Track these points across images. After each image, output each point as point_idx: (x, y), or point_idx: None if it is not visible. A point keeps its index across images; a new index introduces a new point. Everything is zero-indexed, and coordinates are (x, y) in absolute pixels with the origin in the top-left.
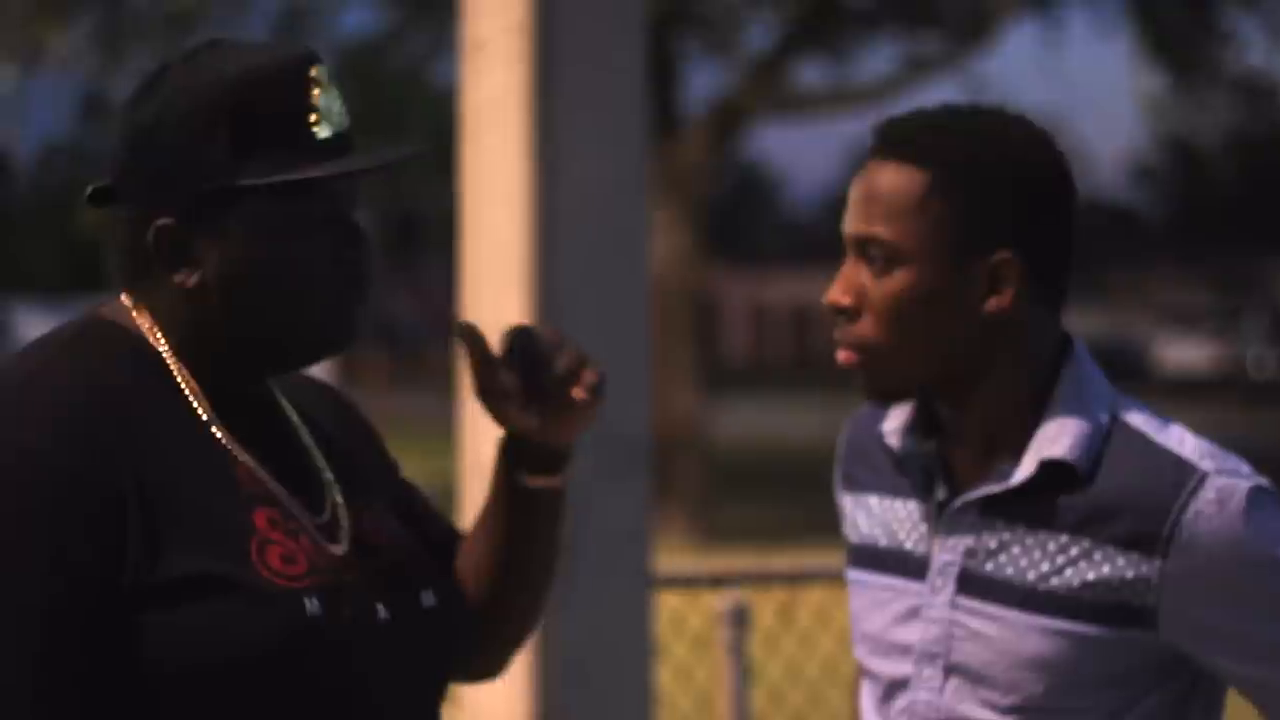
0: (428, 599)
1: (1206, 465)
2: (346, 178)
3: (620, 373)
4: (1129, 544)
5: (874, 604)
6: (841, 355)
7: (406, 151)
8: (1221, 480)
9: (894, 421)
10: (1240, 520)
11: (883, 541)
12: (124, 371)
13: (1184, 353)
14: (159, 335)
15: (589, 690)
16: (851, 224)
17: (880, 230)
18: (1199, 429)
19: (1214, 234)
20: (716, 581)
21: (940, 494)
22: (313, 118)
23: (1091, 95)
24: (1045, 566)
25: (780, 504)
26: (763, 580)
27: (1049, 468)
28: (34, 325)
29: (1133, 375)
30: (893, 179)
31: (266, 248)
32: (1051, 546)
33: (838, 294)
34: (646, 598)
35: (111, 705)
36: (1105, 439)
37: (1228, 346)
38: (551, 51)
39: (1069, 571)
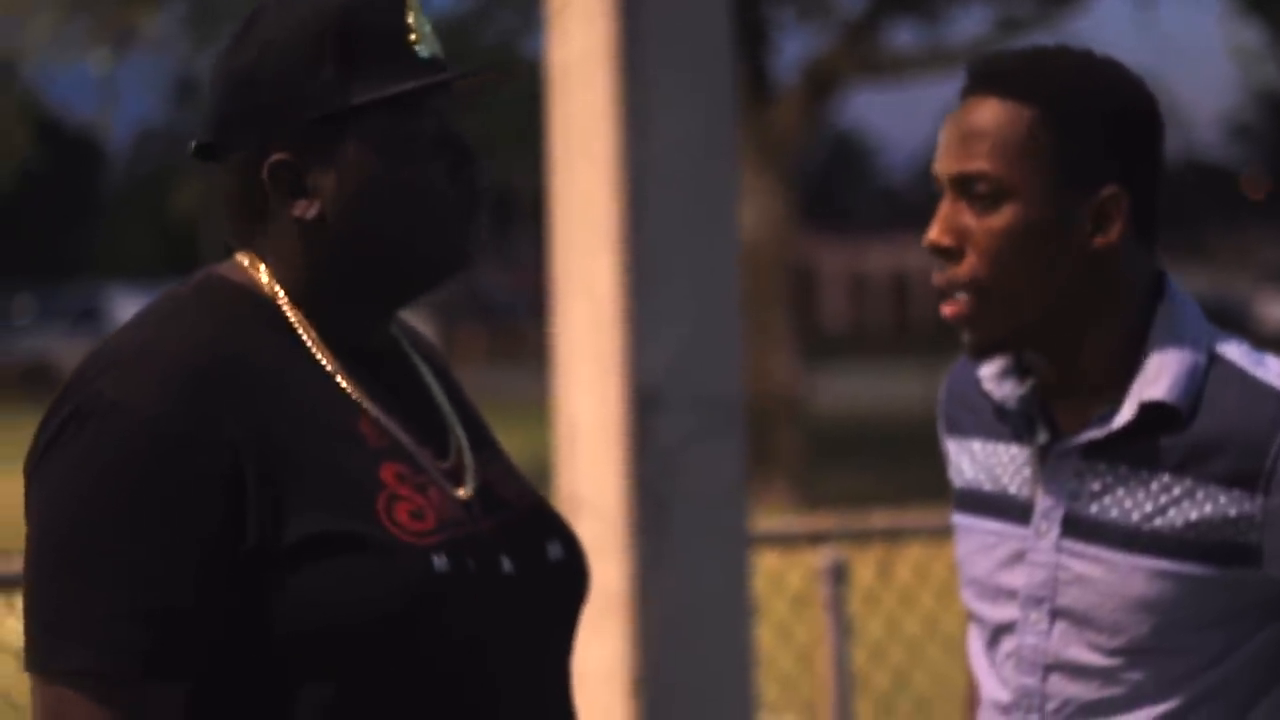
0: (555, 552)
1: None
2: (459, 82)
3: (712, 332)
4: (1231, 481)
5: (980, 548)
6: (946, 307)
7: (508, 65)
8: None
9: (991, 367)
10: None
11: (987, 486)
12: (242, 329)
13: None
14: (277, 287)
15: (688, 650)
16: (952, 162)
17: (987, 166)
18: None
19: None
20: (815, 539)
21: (1042, 438)
22: (413, 37)
23: (1185, 53)
24: (1149, 507)
25: (880, 471)
26: (861, 537)
27: (1149, 409)
28: (129, 310)
29: (1235, 333)
30: (998, 114)
31: (383, 167)
32: (1154, 487)
33: (939, 234)
34: (745, 556)
35: (238, 665)
36: (1204, 376)
37: None
38: (635, 8)
39: (1172, 511)
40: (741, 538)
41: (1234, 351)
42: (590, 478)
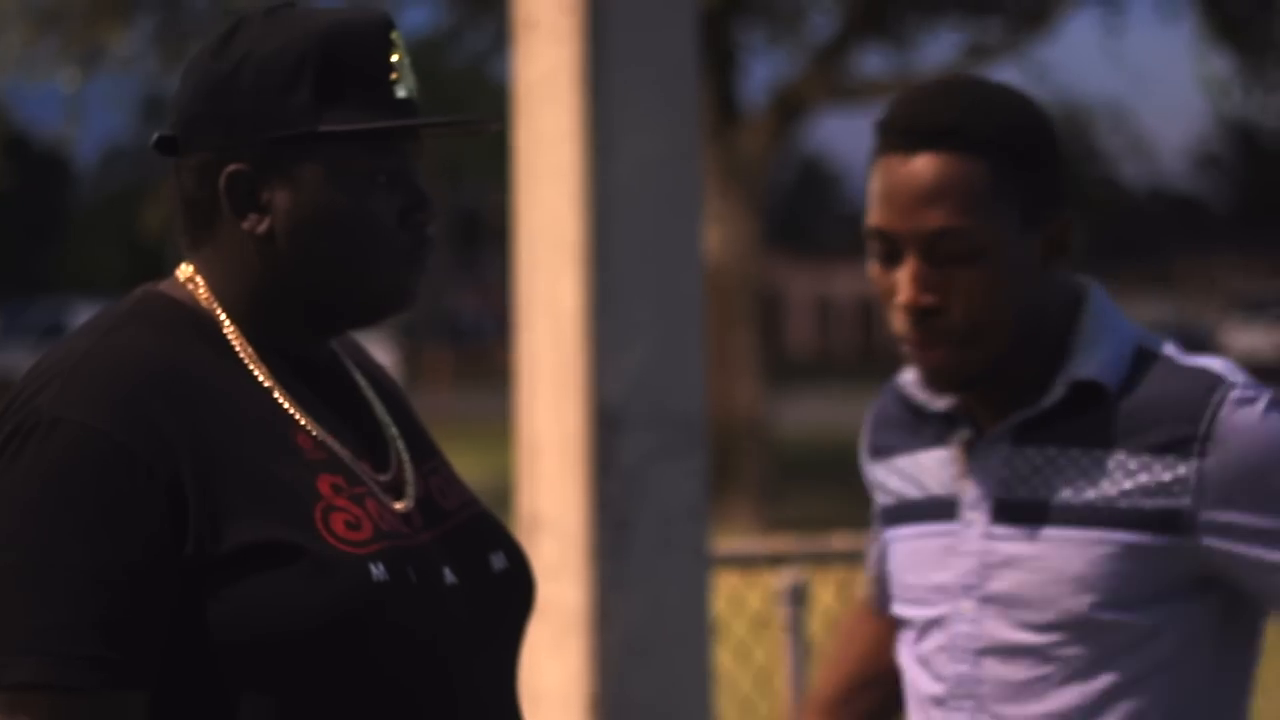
0: (498, 562)
1: (1234, 377)
2: (428, 129)
3: (675, 352)
4: (1164, 448)
5: (908, 554)
6: (928, 357)
7: (481, 117)
8: (1249, 389)
9: (906, 376)
10: (1266, 423)
11: (911, 494)
12: (181, 344)
13: (1251, 339)
14: (216, 303)
15: (648, 669)
16: (913, 221)
17: (957, 223)
18: None
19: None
20: (775, 560)
21: (965, 435)
22: (393, 76)
23: (1154, 82)
24: (1081, 482)
25: (842, 494)
26: (822, 559)
27: (1079, 389)
28: None
29: None
30: (954, 169)
31: (338, 197)
32: (1085, 462)
33: (918, 295)
34: (706, 577)
35: (181, 674)
36: (1131, 362)
37: None
38: (603, 29)
39: (1105, 483)
40: (702, 558)
41: (1160, 344)
42: (551, 497)
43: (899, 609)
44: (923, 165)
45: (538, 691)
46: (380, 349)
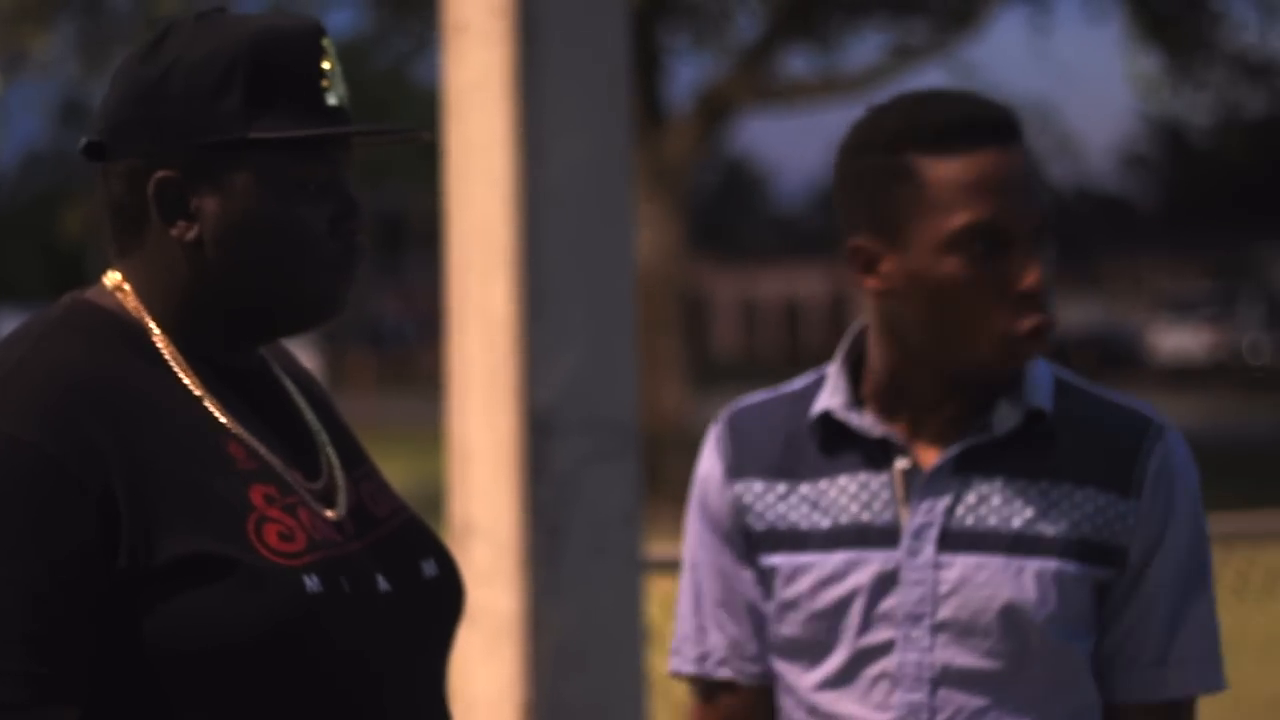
0: (429, 569)
1: (1159, 418)
2: (360, 138)
3: (607, 356)
4: (1108, 485)
5: (822, 581)
6: (1041, 342)
7: (412, 126)
8: (1168, 430)
9: (836, 398)
10: (1183, 461)
11: (824, 523)
12: (110, 353)
13: (1179, 340)
14: (144, 312)
15: (582, 675)
16: (1030, 208)
17: (1044, 212)
18: (1196, 416)
19: (1207, 219)
20: None
21: (903, 463)
22: (324, 83)
23: (1081, 82)
24: (1030, 512)
25: None
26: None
27: (1033, 417)
28: None
29: (1128, 363)
30: (1028, 163)
31: (269, 204)
32: (1033, 493)
33: (1045, 281)
34: (639, 582)
35: (116, 688)
36: (1055, 391)
37: (1223, 333)
38: (534, 32)
39: (1054, 514)
40: (635, 562)
41: (1064, 371)
42: (483, 502)
43: (804, 635)
44: (1019, 157)
45: (471, 698)
46: (303, 354)
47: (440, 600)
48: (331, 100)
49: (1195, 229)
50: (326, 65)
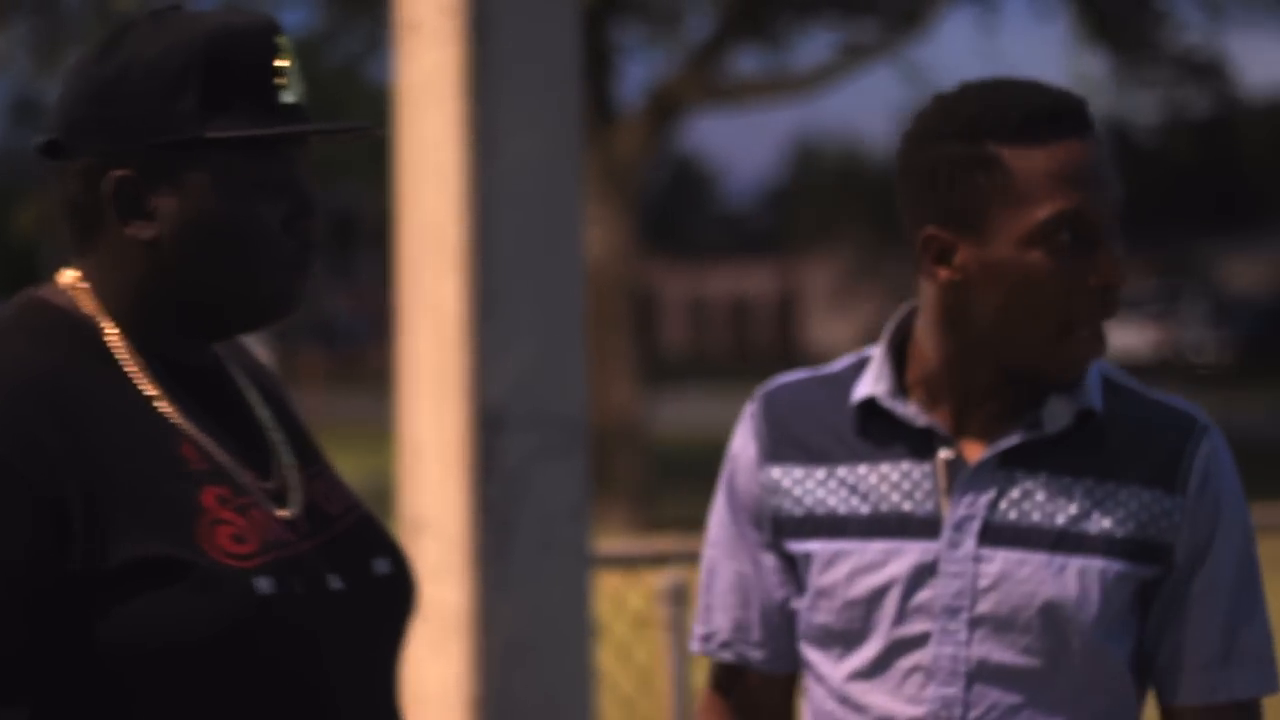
0: (381, 567)
1: (1205, 418)
2: (318, 135)
3: (557, 352)
4: (1153, 483)
5: (860, 570)
6: (1105, 340)
7: (365, 123)
8: (1213, 429)
9: (879, 387)
10: (1228, 461)
11: (865, 510)
12: (63, 354)
13: (1124, 337)
14: (99, 309)
15: (529, 670)
16: (1111, 200)
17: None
18: None
19: (1152, 218)
20: (656, 560)
21: (945, 453)
22: (280, 81)
23: None
24: (1074, 510)
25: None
26: (701, 559)
27: (1083, 416)
28: None
29: None
30: (1106, 156)
31: (225, 204)
32: (1078, 491)
33: (1122, 274)
34: (587, 577)
35: (69, 690)
36: (1104, 390)
37: (1167, 331)
38: (485, 30)
39: (1097, 513)
40: (584, 558)
41: (1115, 371)
42: (433, 498)
43: (838, 625)
44: (1098, 147)
45: (420, 693)
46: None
47: (393, 598)
48: (288, 98)
49: (1140, 228)
50: (282, 63)
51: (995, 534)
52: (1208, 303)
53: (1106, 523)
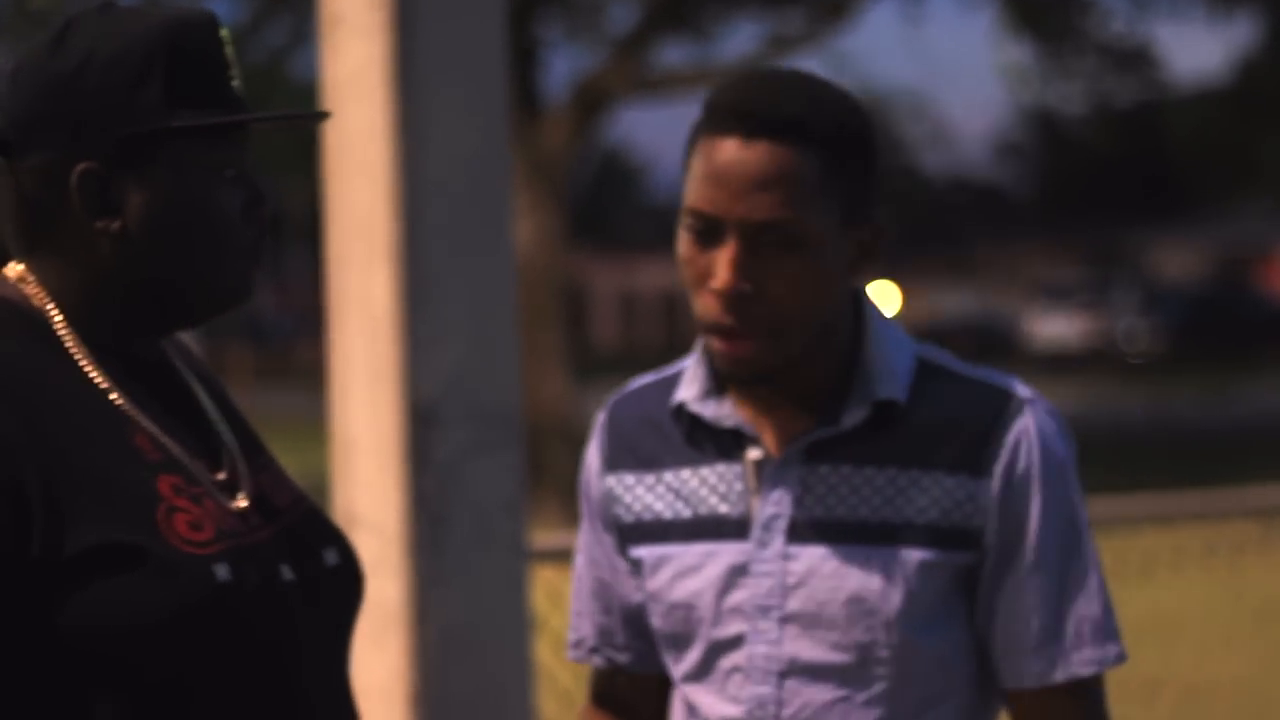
0: (330, 558)
1: (1022, 392)
2: (282, 122)
3: (489, 346)
4: (957, 467)
5: (681, 573)
6: (735, 346)
7: (327, 112)
8: (1032, 403)
9: (690, 389)
10: (1050, 434)
11: (687, 513)
12: (16, 345)
13: (1055, 327)
14: (50, 303)
15: (467, 664)
16: (742, 209)
17: (785, 214)
18: (1072, 402)
19: (1081, 207)
20: None
21: (755, 453)
22: (231, 70)
23: (954, 72)
24: (877, 501)
25: None
26: None
27: (880, 407)
28: None
29: (1003, 351)
30: (794, 163)
31: (191, 192)
32: (880, 481)
33: (738, 280)
34: (524, 571)
35: (29, 676)
36: (913, 375)
37: (1098, 320)
38: (411, 24)
39: (900, 501)
40: (520, 552)
41: (937, 355)
42: (367, 494)
43: (669, 628)
44: (761, 153)
45: (359, 687)
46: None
47: (343, 587)
48: (236, 88)
49: (1069, 217)
50: (229, 53)
51: (802, 531)
52: (1138, 291)
53: (909, 512)
